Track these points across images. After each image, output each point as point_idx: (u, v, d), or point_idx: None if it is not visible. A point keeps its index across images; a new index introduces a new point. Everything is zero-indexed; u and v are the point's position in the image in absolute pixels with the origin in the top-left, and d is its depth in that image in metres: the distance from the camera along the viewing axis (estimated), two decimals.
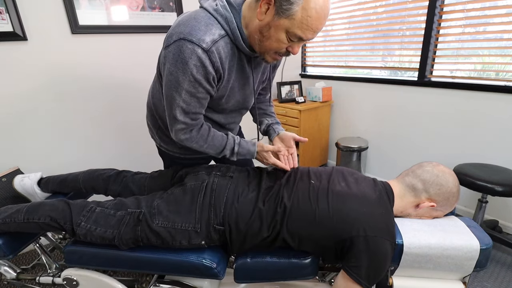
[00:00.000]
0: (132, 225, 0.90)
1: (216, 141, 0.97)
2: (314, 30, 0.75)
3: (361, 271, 0.79)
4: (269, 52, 0.83)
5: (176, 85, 0.82)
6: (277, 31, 0.76)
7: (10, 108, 1.59)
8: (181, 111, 0.86)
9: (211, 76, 0.82)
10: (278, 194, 0.91)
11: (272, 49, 0.81)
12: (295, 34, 0.75)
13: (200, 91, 0.84)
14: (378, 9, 2.24)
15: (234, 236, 0.89)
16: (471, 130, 1.86)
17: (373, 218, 0.82)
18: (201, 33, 0.76)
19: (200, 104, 0.88)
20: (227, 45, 0.82)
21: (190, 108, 0.86)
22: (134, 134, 2.01)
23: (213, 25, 0.79)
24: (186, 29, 0.76)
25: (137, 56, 1.90)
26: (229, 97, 0.94)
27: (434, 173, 0.90)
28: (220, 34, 0.80)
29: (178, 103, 0.84)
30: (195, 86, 0.82)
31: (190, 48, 0.76)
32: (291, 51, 0.82)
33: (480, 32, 1.81)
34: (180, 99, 0.84)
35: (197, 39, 0.76)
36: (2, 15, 1.44)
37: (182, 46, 0.76)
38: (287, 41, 0.78)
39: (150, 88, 1.07)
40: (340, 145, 2.37)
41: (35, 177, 1.24)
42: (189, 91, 0.82)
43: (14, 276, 1.13)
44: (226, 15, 0.80)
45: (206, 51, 0.77)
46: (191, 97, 0.84)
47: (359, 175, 0.98)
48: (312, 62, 2.89)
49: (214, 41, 0.78)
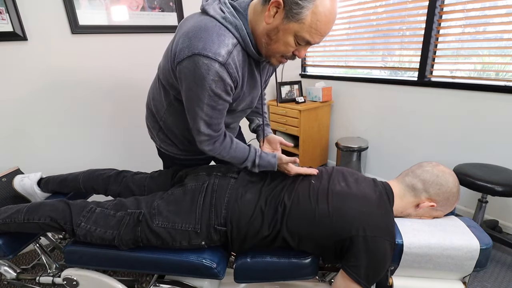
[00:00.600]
0: (132, 226, 0.90)
1: (239, 152, 0.97)
2: (322, 34, 0.75)
3: (360, 271, 0.79)
4: (276, 56, 0.83)
5: (197, 101, 0.82)
6: (285, 34, 0.76)
7: (10, 108, 1.59)
8: (204, 124, 0.87)
9: (229, 87, 0.82)
10: (280, 194, 0.92)
11: (279, 52, 0.81)
12: (303, 38, 0.75)
13: (220, 104, 0.84)
14: (378, 9, 2.24)
15: (234, 235, 0.89)
16: (471, 130, 1.86)
17: (372, 218, 0.82)
18: (215, 46, 0.75)
19: (221, 115, 0.88)
20: (239, 53, 0.82)
21: (212, 121, 0.87)
22: (134, 134, 2.01)
23: (225, 35, 0.77)
24: (199, 44, 0.74)
25: (137, 56, 1.89)
26: (240, 101, 0.95)
27: (434, 173, 0.90)
28: (233, 43, 0.79)
29: (201, 117, 0.85)
30: (215, 100, 0.82)
31: (206, 64, 0.75)
32: (297, 55, 0.82)
33: (480, 32, 1.81)
34: (203, 113, 0.84)
35: (213, 54, 0.74)
36: (2, 15, 1.44)
37: (198, 62, 0.75)
38: (294, 45, 0.78)
39: (150, 89, 1.07)
40: (340, 145, 2.38)
41: (35, 177, 1.24)
42: (210, 105, 0.83)
43: (14, 276, 1.13)
44: (236, 22, 0.79)
45: (223, 65, 0.76)
46: (213, 110, 0.84)
47: (359, 175, 0.98)
48: (312, 62, 2.89)
49: (229, 52, 0.77)
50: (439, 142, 2.03)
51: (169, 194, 0.96)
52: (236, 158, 0.97)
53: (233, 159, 0.97)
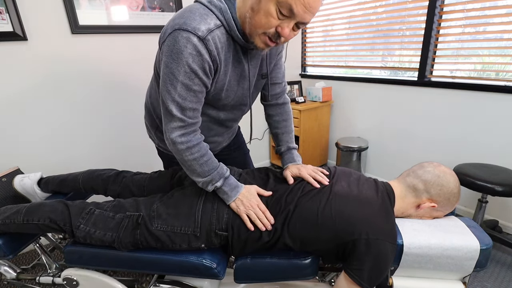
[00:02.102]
0: (131, 228, 0.89)
1: (210, 163, 0.89)
2: (305, 4, 0.69)
3: (363, 274, 0.78)
4: (258, 32, 0.77)
5: (171, 78, 0.78)
6: (267, 2, 0.71)
7: (10, 107, 1.59)
8: (177, 107, 0.81)
9: (207, 65, 0.78)
10: (282, 198, 0.90)
11: (261, 25, 0.74)
12: (285, 3, 0.69)
13: (196, 83, 0.80)
14: (378, 9, 2.24)
15: (235, 241, 0.89)
16: (471, 130, 1.86)
17: (375, 221, 0.82)
18: (195, 22, 0.74)
19: (196, 98, 0.83)
20: (223, 35, 0.79)
21: (186, 104, 0.81)
22: (134, 134, 2.01)
23: (208, 15, 0.77)
24: (180, 20, 0.75)
25: (137, 56, 1.89)
26: (228, 91, 0.91)
27: (436, 173, 0.90)
28: (215, 24, 0.77)
29: (173, 98, 0.80)
30: (191, 77, 0.78)
31: (185, 37, 0.73)
32: (280, 32, 0.75)
33: (480, 32, 1.81)
34: (176, 93, 0.79)
35: (192, 28, 0.73)
36: (2, 15, 1.44)
37: (177, 36, 0.74)
38: (276, 16, 0.72)
39: (148, 88, 1.07)
40: (340, 145, 2.37)
41: (35, 177, 1.24)
42: (185, 84, 0.78)
43: (14, 276, 1.13)
44: (220, 6, 0.78)
45: (202, 39, 0.74)
46: (187, 90, 0.80)
47: (361, 177, 0.97)
48: (312, 62, 2.89)
49: (209, 30, 0.76)
50: (439, 142, 2.03)
51: (169, 196, 0.95)
52: (197, 166, 0.87)
53: (198, 165, 0.87)
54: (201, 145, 0.88)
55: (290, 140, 1.13)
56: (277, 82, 1.08)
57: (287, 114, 1.14)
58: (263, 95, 1.12)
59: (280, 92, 1.11)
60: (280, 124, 1.13)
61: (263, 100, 1.14)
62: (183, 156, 0.86)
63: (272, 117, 1.14)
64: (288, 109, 1.15)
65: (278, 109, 1.13)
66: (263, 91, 1.11)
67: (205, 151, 0.88)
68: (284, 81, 1.11)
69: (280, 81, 1.09)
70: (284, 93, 1.13)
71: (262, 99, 1.14)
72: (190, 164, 0.87)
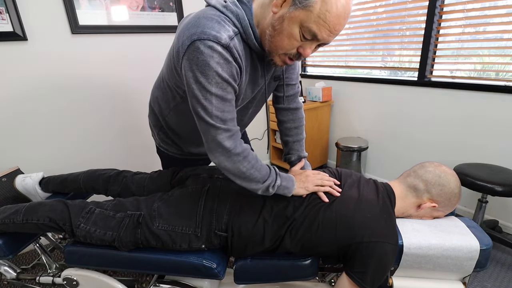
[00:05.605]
0: (132, 228, 0.89)
1: (263, 168, 0.84)
2: (330, 28, 0.67)
3: (366, 277, 0.78)
4: (279, 52, 0.75)
5: (204, 93, 0.72)
6: (290, 24, 0.68)
7: (10, 108, 1.59)
8: (218, 121, 0.75)
9: (235, 70, 0.74)
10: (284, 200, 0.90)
11: (283, 47, 0.73)
12: (309, 29, 0.67)
13: (229, 91, 0.75)
14: (378, 9, 2.24)
15: (235, 244, 0.88)
16: (471, 130, 1.86)
17: (377, 224, 0.81)
18: (214, 30, 0.69)
19: (232, 107, 0.78)
20: (240, 43, 0.75)
21: (225, 115, 0.76)
22: (135, 134, 2.01)
23: (225, 22, 0.72)
24: (197, 30, 0.69)
25: (137, 56, 1.89)
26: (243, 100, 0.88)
27: (436, 173, 0.90)
28: (234, 31, 0.73)
29: (211, 113, 0.74)
30: (224, 87, 0.73)
31: (208, 46, 0.68)
32: (302, 53, 0.74)
33: (480, 32, 1.81)
34: (212, 107, 0.74)
35: (213, 37, 0.68)
36: (2, 15, 1.44)
37: (198, 47, 0.68)
38: (299, 38, 0.70)
39: (154, 88, 1.04)
40: (340, 145, 2.37)
41: (37, 177, 1.24)
42: (219, 95, 0.74)
43: (14, 276, 1.13)
44: (237, 11, 0.74)
45: (226, 47, 0.70)
46: (223, 101, 0.75)
47: (361, 179, 0.97)
48: (312, 62, 2.89)
49: (230, 37, 0.71)
50: (439, 142, 2.03)
51: (170, 195, 0.95)
52: (256, 172, 0.82)
53: (251, 174, 0.82)
54: (250, 150, 0.84)
55: (300, 149, 1.12)
56: (291, 83, 1.06)
57: (300, 121, 1.12)
58: (277, 97, 1.10)
59: (293, 94, 1.09)
60: (291, 132, 1.11)
61: (276, 103, 1.11)
62: (240, 168, 0.80)
63: (283, 124, 1.12)
64: (301, 115, 1.13)
65: (290, 115, 1.11)
66: (277, 93, 1.08)
67: (255, 155, 0.84)
68: (297, 82, 1.09)
69: (294, 82, 1.07)
70: (297, 96, 1.10)
71: (275, 102, 1.12)
72: (250, 173, 0.81)
